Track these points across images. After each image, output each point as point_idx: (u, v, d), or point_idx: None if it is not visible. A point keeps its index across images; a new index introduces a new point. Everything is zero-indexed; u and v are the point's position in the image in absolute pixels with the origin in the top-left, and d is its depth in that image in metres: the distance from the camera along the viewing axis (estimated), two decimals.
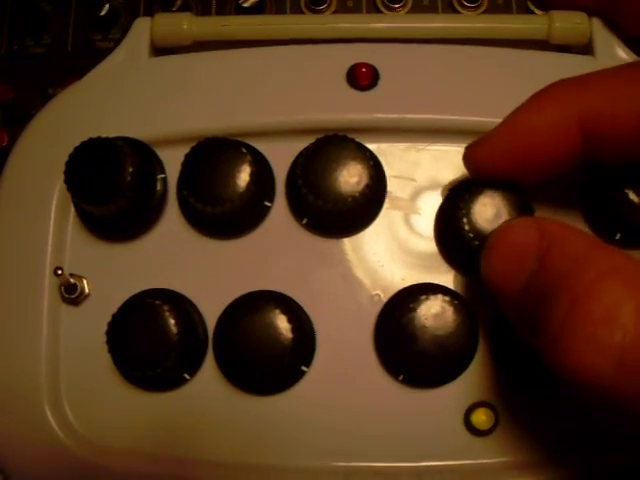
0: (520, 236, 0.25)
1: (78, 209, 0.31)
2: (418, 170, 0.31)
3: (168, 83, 0.32)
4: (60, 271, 0.29)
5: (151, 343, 0.28)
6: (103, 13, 0.41)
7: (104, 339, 0.29)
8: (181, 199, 0.31)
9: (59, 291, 0.30)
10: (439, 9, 0.41)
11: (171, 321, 0.28)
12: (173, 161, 0.30)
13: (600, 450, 0.29)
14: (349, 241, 0.31)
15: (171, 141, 0.31)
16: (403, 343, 0.28)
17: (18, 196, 0.32)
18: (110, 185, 0.29)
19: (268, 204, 0.31)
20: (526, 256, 0.24)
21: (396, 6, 0.40)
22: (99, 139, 0.29)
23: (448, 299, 0.29)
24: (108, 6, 0.41)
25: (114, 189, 0.29)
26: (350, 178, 0.29)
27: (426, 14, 0.40)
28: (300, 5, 0.41)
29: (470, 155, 0.28)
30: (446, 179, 0.31)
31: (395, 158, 0.31)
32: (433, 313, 0.28)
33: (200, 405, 0.30)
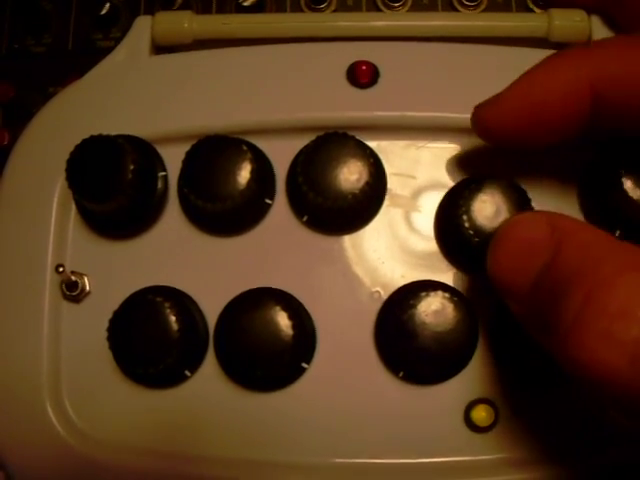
0: (530, 231, 0.24)
1: (79, 206, 0.31)
2: (418, 168, 0.31)
3: (169, 81, 0.32)
4: (61, 268, 0.30)
5: (152, 340, 0.28)
6: (104, 12, 0.41)
7: (105, 336, 0.29)
8: (182, 196, 0.31)
9: (60, 288, 0.30)
10: (439, 8, 0.41)
11: (172, 318, 0.28)
12: (174, 159, 0.30)
13: (600, 447, 0.29)
14: (349, 238, 0.31)
15: (172, 139, 0.31)
16: (403, 340, 0.28)
17: (19, 194, 0.32)
18: (111, 182, 0.29)
19: (269, 201, 0.31)
20: (536, 251, 0.23)
21: (396, 5, 0.40)
22: (100, 137, 0.29)
23: (448, 296, 0.29)
24: (109, 5, 0.41)
25: (115, 186, 0.29)
26: (350, 175, 0.29)
27: (426, 12, 0.40)
28: (300, 4, 0.41)
29: (479, 114, 0.28)
30: (446, 176, 0.31)
31: (395, 156, 0.31)
32: (433, 310, 0.28)
33: (201, 402, 0.30)
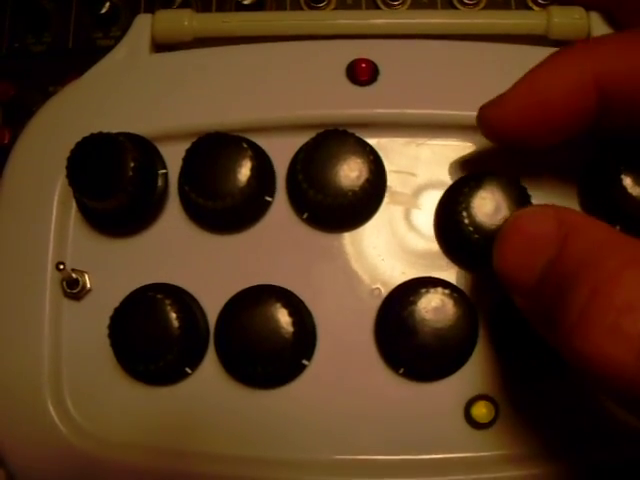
0: (537, 225, 0.24)
1: (80, 204, 0.31)
2: (418, 165, 0.31)
3: (169, 79, 0.32)
4: (62, 266, 0.30)
5: (153, 337, 0.28)
6: (104, 11, 0.41)
7: (106, 334, 0.29)
8: (182, 194, 0.31)
9: (61, 286, 0.30)
10: (438, 7, 0.41)
11: (172, 315, 0.29)
12: (174, 156, 0.30)
13: (600, 443, 0.29)
14: (349, 235, 0.31)
15: (172, 136, 0.31)
16: (403, 336, 0.28)
17: (20, 192, 0.32)
18: (112, 180, 0.29)
19: (269, 199, 0.31)
20: (543, 246, 0.23)
21: (395, 3, 0.41)
22: (101, 134, 0.29)
23: (448, 292, 0.29)
24: (109, 4, 0.41)
25: (116, 184, 0.29)
26: (350, 173, 0.29)
27: (425, 10, 0.40)
28: (300, 2, 0.41)
29: (484, 114, 0.28)
30: (446, 174, 0.31)
31: (395, 153, 0.31)
32: (433, 306, 0.28)
33: (201, 399, 0.30)
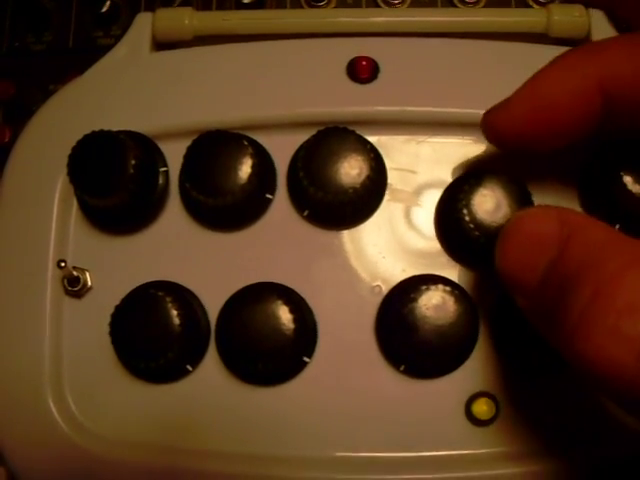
0: (539, 225, 0.24)
1: (81, 202, 0.31)
2: (418, 162, 0.31)
3: (169, 77, 0.32)
4: (63, 264, 0.30)
5: (154, 335, 0.28)
6: (104, 10, 0.41)
7: (107, 332, 0.29)
8: (183, 192, 0.31)
9: (62, 284, 0.30)
10: (438, 6, 0.41)
11: (173, 313, 0.29)
12: (175, 154, 0.30)
13: (600, 441, 0.29)
14: (350, 233, 0.31)
15: (173, 134, 0.31)
16: (404, 334, 0.29)
17: (21, 191, 0.32)
18: (113, 178, 0.29)
19: (269, 196, 0.31)
20: (545, 246, 0.23)
21: (395, 2, 0.41)
22: (102, 132, 0.29)
23: (449, 289, 0.29)
24: (109, 3, 0.41)
25: (117, 182, 0.29)
26: (351, 170, 0.29)
27: (425, 8, 0.40)
28: (300, 0, 0.41)
29: (489, 119, 0.28)
30: (446, 171, 0.31)
31: (395, 150, 0.31)
32: (434, 304, 0.29)
33: (203, 396, 0.30)
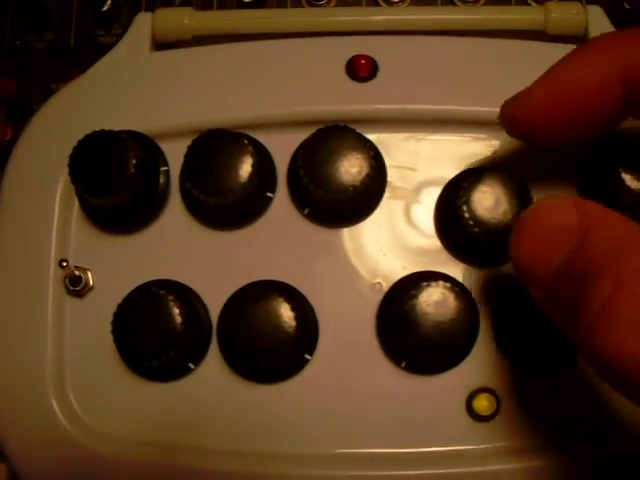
0: (558, 216, 0.23)
1: (82, 201, 0.31)
2: (418, 160, 0.31)
3: (170, 77, 0.33)
4: (65, 263, 0.30)
5: (156, 333, 0.29)
6: (105, 9, 0.41)
7: (109, 331, 0.29)
8: (184, 191, 0.31)
9: (64, 283, 0.31)
10: (437, 4, 0.41)
11: (175, 311, 0.29)
12: (176, 153, 0.31)
13: (602, 437, 0.30)
14: (350, 231, 0.31)
15: (173, 134, 0.31)
16: (405, 330, 0.29)
17: (22, 190, 0.32)
18: (114, 177, 0.29)
19: (270, 195, 0.31)
20: (564, 237, 0.22)
21: (395, 0, 0.41)
22: (103, 132, 0.29)
23: (449, 286, 0.29)
24: (110, 2, 0.41)
25: (118, 181, 0.29)
26: (351, 168, 0.29)
27: (424, 6, 0.40)
28: (300, 0, 0.41)
29: (508, 111, 0.27)
30: (446, 168, 0.31)
31: (395, 148, 0.31)
32: (434, 300, 0.29)
33: (204, 394, 0.30)
